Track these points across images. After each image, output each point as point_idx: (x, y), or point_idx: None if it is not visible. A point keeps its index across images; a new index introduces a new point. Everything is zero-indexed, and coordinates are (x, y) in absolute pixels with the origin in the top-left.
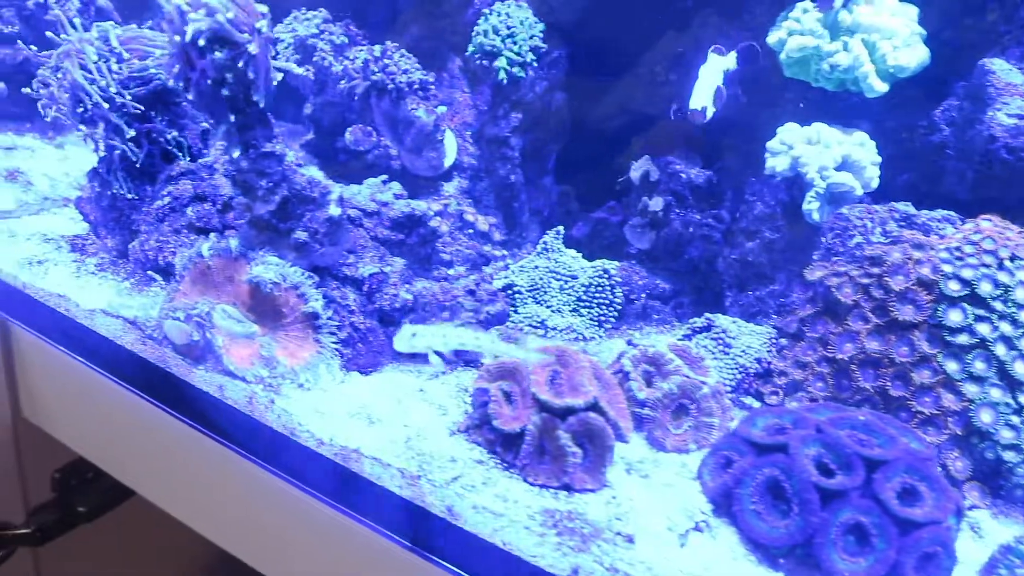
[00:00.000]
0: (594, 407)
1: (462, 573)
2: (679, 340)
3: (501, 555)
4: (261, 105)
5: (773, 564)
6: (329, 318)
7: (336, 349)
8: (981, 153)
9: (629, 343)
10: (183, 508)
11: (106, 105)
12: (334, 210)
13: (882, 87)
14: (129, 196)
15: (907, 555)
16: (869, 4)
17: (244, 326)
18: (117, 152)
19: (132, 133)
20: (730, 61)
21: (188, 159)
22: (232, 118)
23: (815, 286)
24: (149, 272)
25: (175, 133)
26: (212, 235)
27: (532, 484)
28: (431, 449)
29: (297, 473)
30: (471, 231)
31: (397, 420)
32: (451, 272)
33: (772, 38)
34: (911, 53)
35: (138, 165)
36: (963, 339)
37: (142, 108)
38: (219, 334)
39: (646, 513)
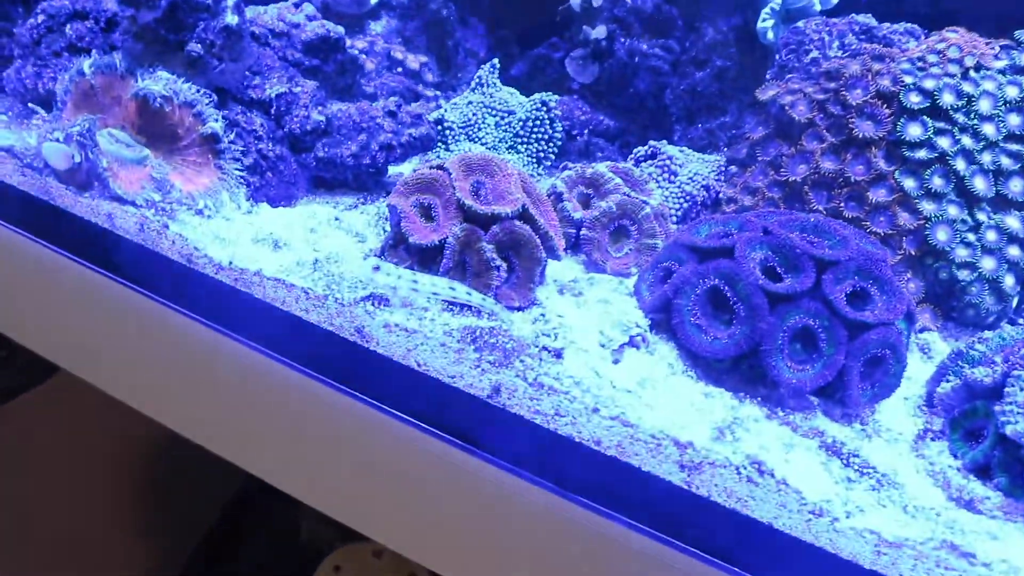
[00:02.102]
0: (522, 215)
1: (372, 401)
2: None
3: (416, 376)
4: None
5: (715, 378)
6: (232, 142)
7: (242, 177)
8: None
9: (564, 168)
10: (89, 368)
11: None
12: (231, 18)
13: None
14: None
15: (855, 359)
16: None
17: (134, 150)
18: None
19: None
20: None
21: None
22: None
23: (767, 107)
24: (29, 104)
25: None
26: (94, 52)
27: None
28: (342, 272)
29: (195, 304)
30: (400, 70)
31: (307, 247)
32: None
33: None
34: None
35: None
36: (922, 154)
37: None
38: (106, 158)
39: (578, 331)
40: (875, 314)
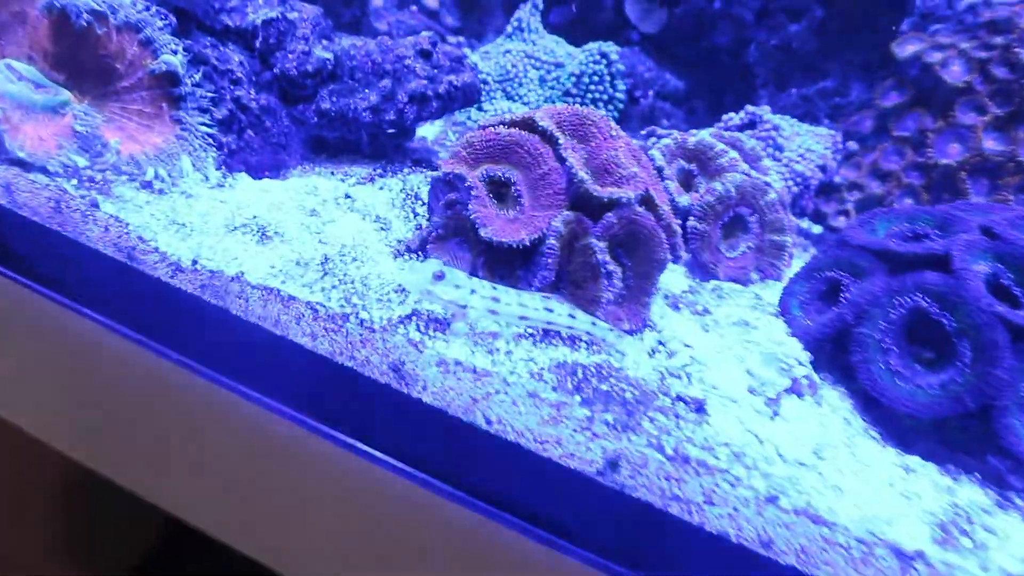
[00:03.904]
0: (644, 199)
1: (414, 471)
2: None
3: (486, 440)
4: None
5: (901, 438)
6: (197, 85)
7: (210, 135)
8: None
9: (650, 135)
10: None
11: None
12: None
13: None
14: None
15: None
16: None
17: (46, 92)
18: None
19: None
20: None
21: None
22: None
23: (905, 67)
24: None
25: None
26: None
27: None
28: (366, 276)
29: (137, 321)
30: (414, 8)
31: (310, 237)
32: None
33: None
34: None
35: None
36: None
37: None
38: (2, 103)
39: (716, 369)
40: None
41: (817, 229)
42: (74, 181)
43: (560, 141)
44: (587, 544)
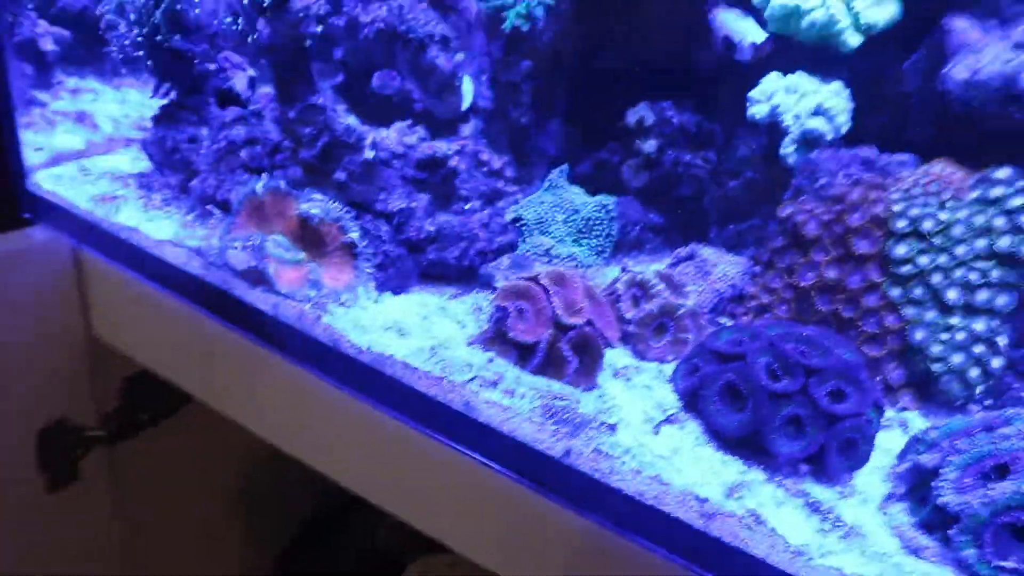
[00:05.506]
0: (590, 324)
1: (474, 454)
2: (666, 267)
3: (510, 441)
4: (308, 62)
5: (730, 450)
6: (365, 247)
7: (371, 273)
8: (938, 104)
9: (623, 269)
10: (239, 410)
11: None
12: (368, 154)
13: (856, 41)
14: (190, 142)
15: (832, 440)
16: None
17: (293, 254)
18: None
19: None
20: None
21: (240, 105)
22: (282, 73)
23: (785, 222)
24: (208, 207)
25: (238, 79)
26: (264, 175)
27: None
28: (452, 356)
29: (341, 376)
30: (485, 169)
31: (423, 333)
32: (467, 207)
33: None
34: (882, 10)
35: (196, 113)
36: (906, 269)
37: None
38: (272, 261)
39: (627, 408)
40: (847, 407)
41: (730, 322)
42: (308, 304)
43: (550, 289)
44: (551, 490)
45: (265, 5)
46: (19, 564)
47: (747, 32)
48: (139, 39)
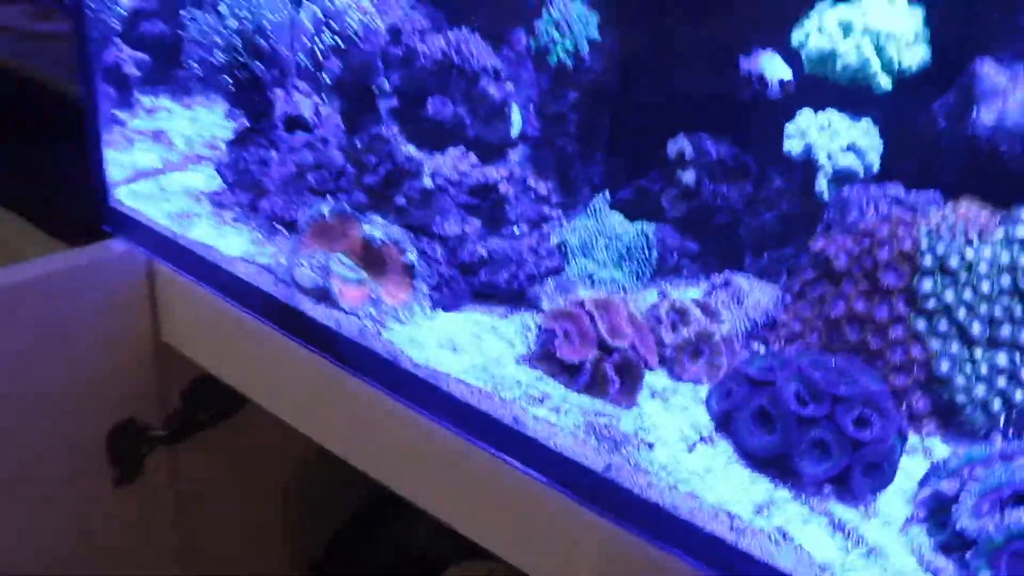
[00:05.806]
0: (632, 347)
1: (521, 465)
2: (703, 295)
3: (555, 454)
4: (374, 96)
5: (758, 469)
6: (421, 267)
7: (427, 293)
8: (966, 146)
9: (661, 294)
10: (296, 415)
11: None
12: (427, 181)
13: (887, 83)
14: (260, 164)
15: (857, 464)
16: (880, 8)
17: (356, 273)
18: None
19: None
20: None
21: (306, 130)
22: (350, 104)
23: (817, 255)
24: (276, 225)
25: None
26: (328, 197)
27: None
28: (503, 374)
29: (398, 389)
30: (532, 194)
31: (476, 351)
32: (517, 232)
33: (796, 37)
34: (914, 53)
35: (266, 137)
36: (932, 303)
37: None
38: (336, 279)
39: (664, 427)
40: (871, 433)
41: (763, 349)
42: (369, 321)
43: (594, 314)
44: (593, 500)
45: (338, 45)
46: (84, 550)
47: (776, 70)
48: (218, 63)
